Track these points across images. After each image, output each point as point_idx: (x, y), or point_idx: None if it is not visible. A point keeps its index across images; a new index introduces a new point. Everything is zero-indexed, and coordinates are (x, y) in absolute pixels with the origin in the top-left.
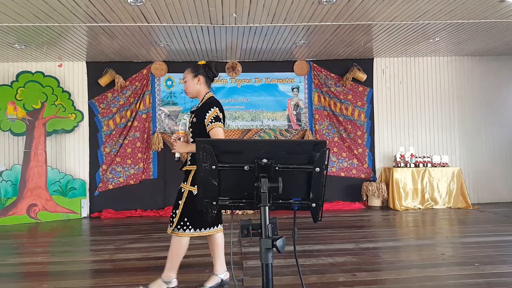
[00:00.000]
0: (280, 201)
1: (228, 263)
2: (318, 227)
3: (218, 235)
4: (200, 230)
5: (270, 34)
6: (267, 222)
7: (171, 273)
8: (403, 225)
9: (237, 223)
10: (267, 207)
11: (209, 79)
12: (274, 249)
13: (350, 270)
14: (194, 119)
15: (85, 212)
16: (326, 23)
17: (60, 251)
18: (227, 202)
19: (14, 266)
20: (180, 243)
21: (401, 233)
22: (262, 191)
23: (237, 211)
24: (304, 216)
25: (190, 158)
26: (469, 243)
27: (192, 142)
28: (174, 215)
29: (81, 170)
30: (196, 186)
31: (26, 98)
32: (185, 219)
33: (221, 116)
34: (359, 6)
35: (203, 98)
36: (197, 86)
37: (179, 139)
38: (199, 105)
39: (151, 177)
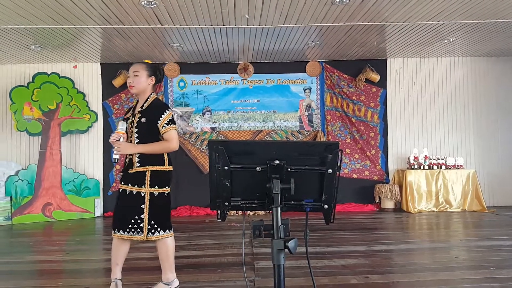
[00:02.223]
0: (292, 202)
1: (240, 264)
2: (330, 229)
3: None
4: (169, 231)
5: (282, 35)
6: (279, 223)
7: (169, 275)
8: (416, 228)
9: (249, 224)
10: (279, 208)
11: (157, 82)
12: (286, 250)
13: (362, 273)
14: (143, 119)
15: (98, 211)
16: (339, 24)
17: (75, 249)
18: (239, 203)
19: (30, 263)
20: (165, 245)
21: (414, 236)
22: (274, 192)
23: (249, 211)
24: (316, 217)
25: (138, 159)
26: (484, 246)
27: (137, 143)
28: (140, 221)
29: (95, 170)
30: (157, 186)
31: (42, 98)
32: (152, 222)
33: (175, 119)
34: (372, 7)
35: (148, 98)
36: (148, 86)
37: (119, 139)
38: (145, 106)
39: None
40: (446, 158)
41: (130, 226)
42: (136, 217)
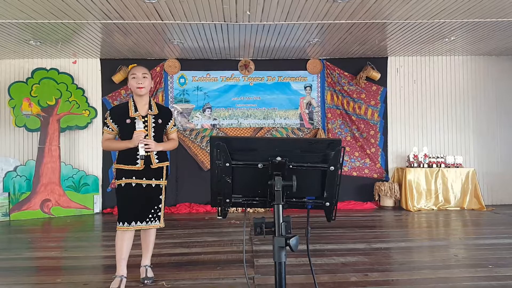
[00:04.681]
0: (294, 199)
1: (239, 261)
2: (330, 226)
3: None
4: None
5: (283, 32)
6: (281, 221)
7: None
8: (415, 226)
9: (249, 221)
10: (281, 206)
11: None
12: (287, 247)
13: (362, 270)
14: (160, 121)
15: (97, 208)
16: (340, 21)
17: (73, 246)
18: (240, 200)
19: (28, 260)
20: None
21: (413, 234)
22: (276, 189)
23: (248, 209)
24: (315, 215)
25: (157, 156)
26: (483, 245)
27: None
28: (158, 210)
29: (94, 166)
30: (166, 179)
31: (41, 94)
32: (164, 211)
33: None
34: (374, 4)
35: (150, 100)
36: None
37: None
38: (153, 108)
39: None
40: (446, 156)
41: (150, 216)
42: (156, 207)
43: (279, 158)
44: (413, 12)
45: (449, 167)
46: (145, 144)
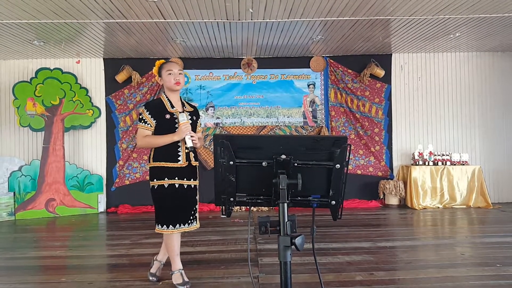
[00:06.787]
0: (299, 198)
1: (244, 260)
2: (334, 225)
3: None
4: None
5: (286, 29)
6: (286, 219)
7: None
8: (421, 224)
9: (253, 220)
10: (286, 204)
11: None
12: (293, 247)
13: (368, 269)
14: (194, 118)
15: (102, 207)
16: (344, 18)
17: (78, 245)
18: (245, 199)
19: (33, 259)
20: None
21: (419, 232)
22: (281, 187)
23: (252, 207)
24: (319, 213)
25: (193, 154)
26: (490, 243)
27: None
28: (196, 211)
29: (98, 165)
30: None
31: (45, 94)
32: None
33: None
34: (377, 1)
35: (180, 97)
36: None
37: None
38: (186, 106)
39: None
40: (451, 154)
41: (191, 218)
42: (194, 209)
43: (284, 156)
44: (417, 8)
45: (454, 164)
46: (191, 136)
